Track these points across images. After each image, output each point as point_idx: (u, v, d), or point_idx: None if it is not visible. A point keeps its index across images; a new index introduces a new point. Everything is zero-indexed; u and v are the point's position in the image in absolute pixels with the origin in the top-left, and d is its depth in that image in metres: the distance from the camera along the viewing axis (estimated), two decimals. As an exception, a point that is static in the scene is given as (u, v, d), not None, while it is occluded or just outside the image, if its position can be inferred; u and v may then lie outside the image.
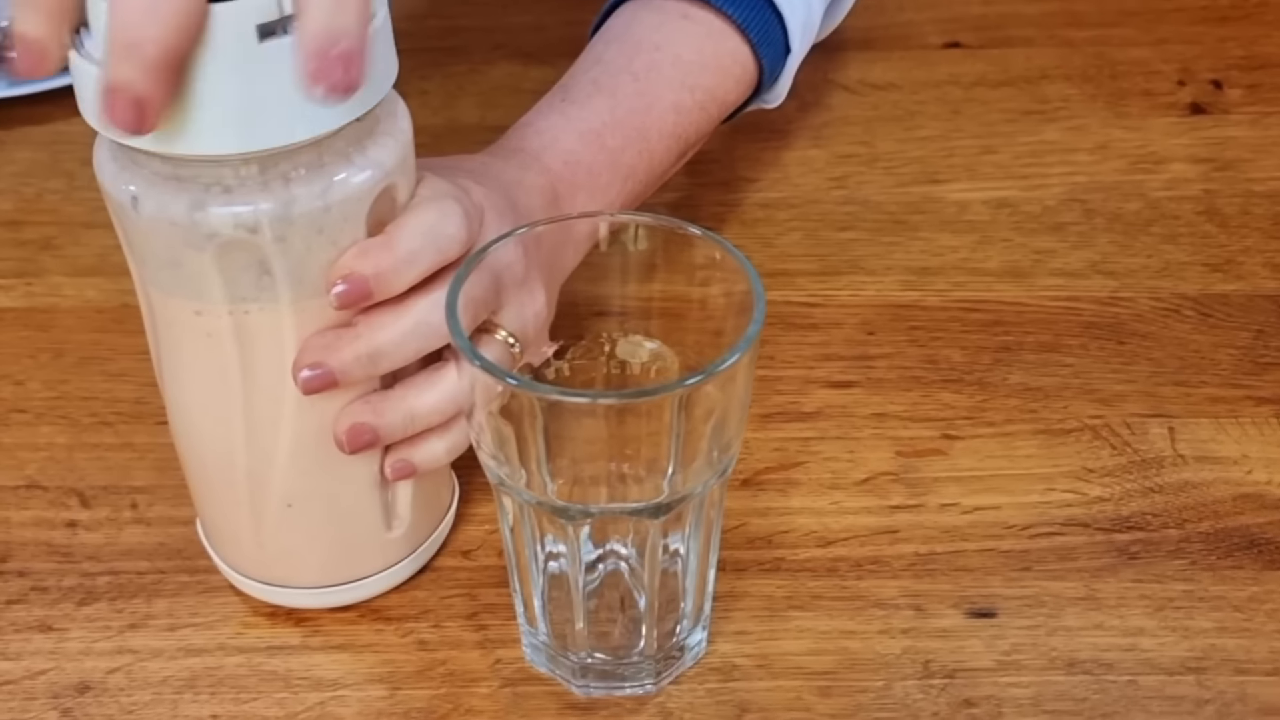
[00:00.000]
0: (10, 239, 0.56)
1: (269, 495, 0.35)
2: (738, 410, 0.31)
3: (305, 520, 0.36)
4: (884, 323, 0.49)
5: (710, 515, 0.33)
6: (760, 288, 0.30)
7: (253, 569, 0.37)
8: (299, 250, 0.31)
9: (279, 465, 0.34)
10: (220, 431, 0.34)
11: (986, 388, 0.46)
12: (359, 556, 0.37)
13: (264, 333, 0.32)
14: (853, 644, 0.37)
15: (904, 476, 0.42)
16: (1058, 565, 0.39)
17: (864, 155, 0.60)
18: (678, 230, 0.33)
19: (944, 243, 0.54)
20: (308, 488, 0.35)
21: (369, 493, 0.36)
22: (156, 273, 0.32)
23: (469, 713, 0.35)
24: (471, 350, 0.29)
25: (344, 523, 0.36)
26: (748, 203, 0.57)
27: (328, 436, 0.34)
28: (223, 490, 0.36)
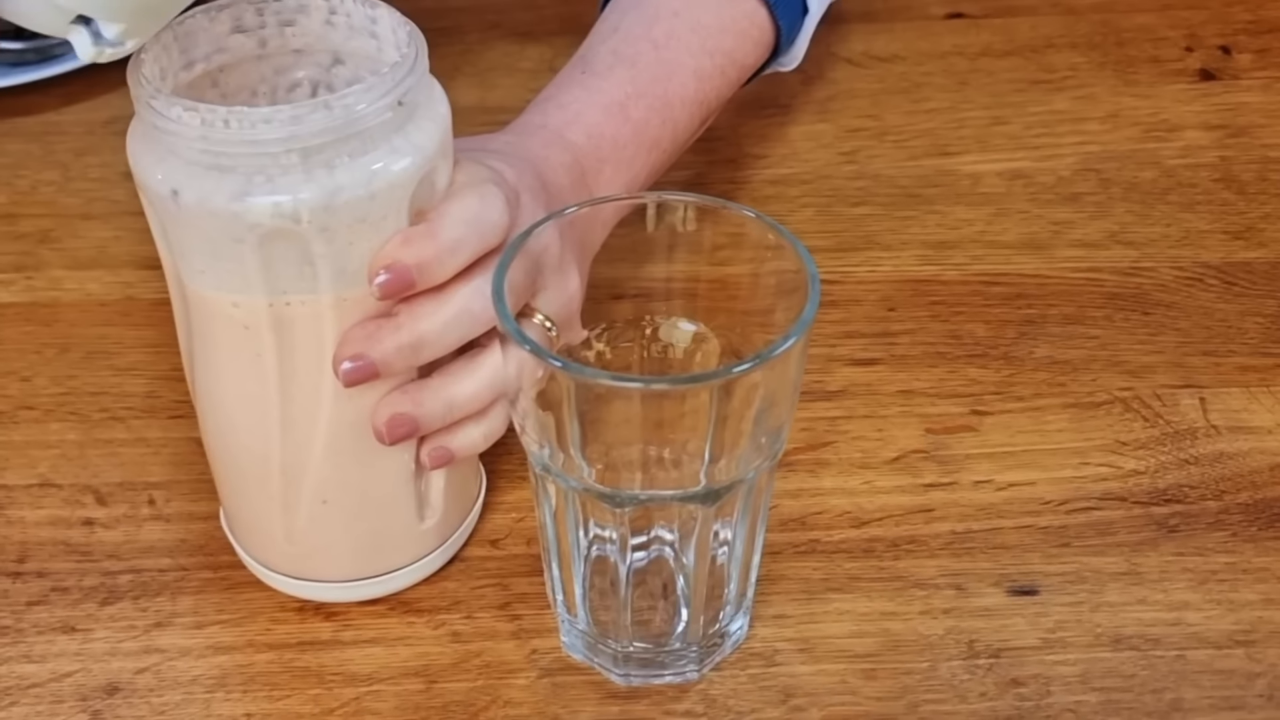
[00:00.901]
0: (7, 232, 0.54)
1: (303, 490, 0.34)
2: (789, 394, 0.30)
3: (339, 514, 0.35)
4: (904, 298, 0.49)
5: (758, 501, 0.32)
6: (814, 269, 0.30)
7: (283, 564, 0.37)
8: (342, 239, 0.30)
9: (314, 459, 0.34)
10: (255, 426, 0.33)
11: (1013, 362, 0.45)
12: (391, 549, 0.36)
13: (304, 325, 0.32)
14: (894, 625, 0.36)
15: (935, 454, 0.42)
16: (1097, 540, 0.39)
17: (872, 129, 0.59)
18: (723, 210, 0.32)
19: (960, 216, 0.53)
20: (343, 481, 0.34)
21: (403, 484, 0.35)
22: (194, 265, 0.31)
23: (508, 704, 0.35)
24: (521, 335, 0.29)
25: (377, 515, 0.35)
26: (758, 180, 0.56)
27: (364, 429, 0.33)
28: (255, 486, 0.35)
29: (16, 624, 0.37)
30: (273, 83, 0.34)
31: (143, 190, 0.31)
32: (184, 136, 0.29)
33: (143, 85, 0.30)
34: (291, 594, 0.37)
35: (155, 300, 0.50)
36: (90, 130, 0.59)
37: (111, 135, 0.59)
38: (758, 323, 0.32)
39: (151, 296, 0.51)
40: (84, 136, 0.59)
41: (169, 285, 0.34)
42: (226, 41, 0.33)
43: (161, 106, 0.29)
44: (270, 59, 0.33)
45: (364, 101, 0.29)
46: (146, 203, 0.32)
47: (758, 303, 0.32)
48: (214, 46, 0.33)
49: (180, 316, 0.34)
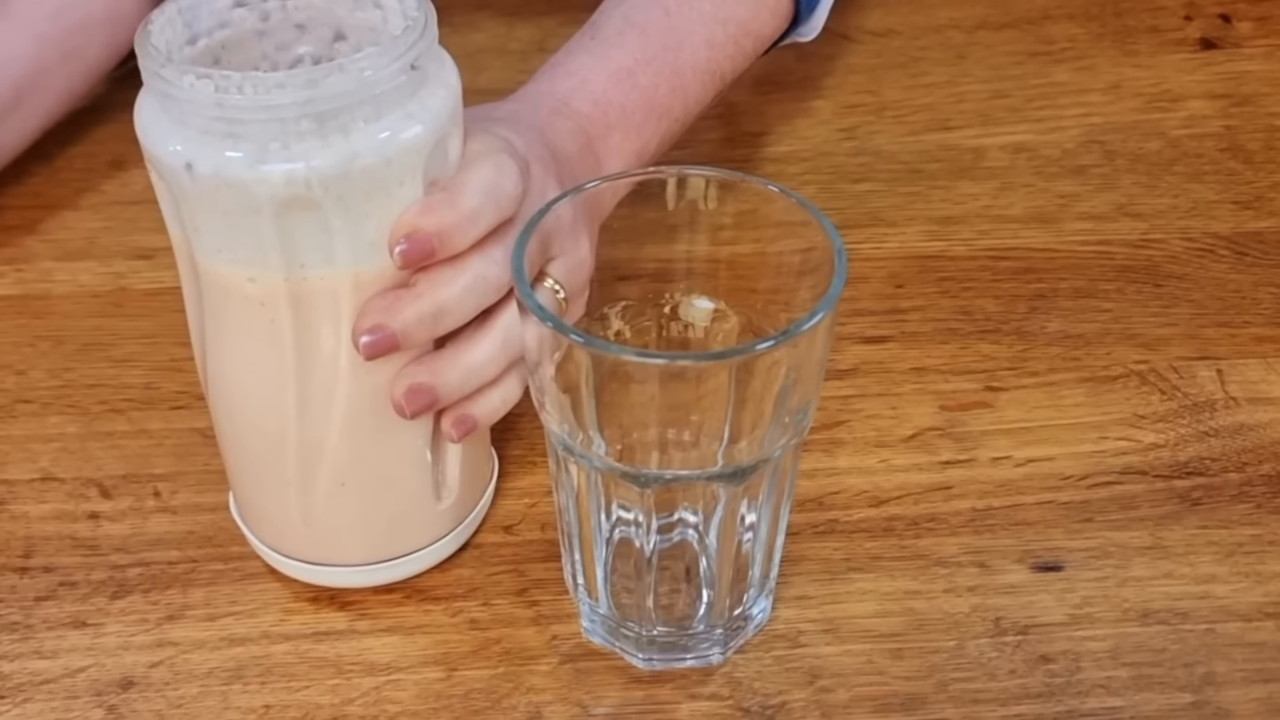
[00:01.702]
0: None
1: (320, 472, 0.34)
2: (815, 372, 0.29)
3: (357, 496, 0.34)
4: (912, 275, 0.48)
5: (784, 481, 0.32)
6: (840, 243, 0.29)
7: (300, 549, 0.36)
8: (358, 208, 0.30)
9: (332, 439, 0.33)
10: (271, 407, 0.33)
11: (1025, 337, 0.45)
12: (409, 530, 0.36)
13: (321, 299, 0.31)
14: (919, 604, 0.36)
15: (951, 431, 0.42)
16: (1120, 515, 0.38)
17: (871, 104, 0.58)
18: (745, 184, 0.31)
19: (964, 191, 0.53)
20: (360, 462, 0.34)
21: (420, 464, 0.35)
22: (209, 242, 0.31)
23: (531, 691, 0.34)
24: (542, 310, 0.28)
25: (395, 496, 0.35)
26: (757, 158, 0.56)
27: (382, 406, 0.33)
28: (270, 469, 0.34)
29: (26, 620, 0.37)
30: (274, 59, 0.33)
31: (155, 166, 0.30)
32: (197, 104, 0.28)
33: (152, 55, 0.29)
34: (308, 580, 0.36)
35: (149, 290, 0.49)
36: (74, 120, 0.58)
37: (95, 125, 0.57)
38: (780, 300, 0.32)
39: (145, 286, 0.50)
40: (68, 127, 0.57)
41: (180, 266, 0.33)
42: (229, 15, 0.32)
43: (173, 75, 0.29)
44: (272, 34, 0.33)
45: (378, 65, 0.29)
46: (158, 179, 0.31)
47: (780, 279, 0.32)
48: (216, 21, 0.32)
49: (191, 298, 0.33)
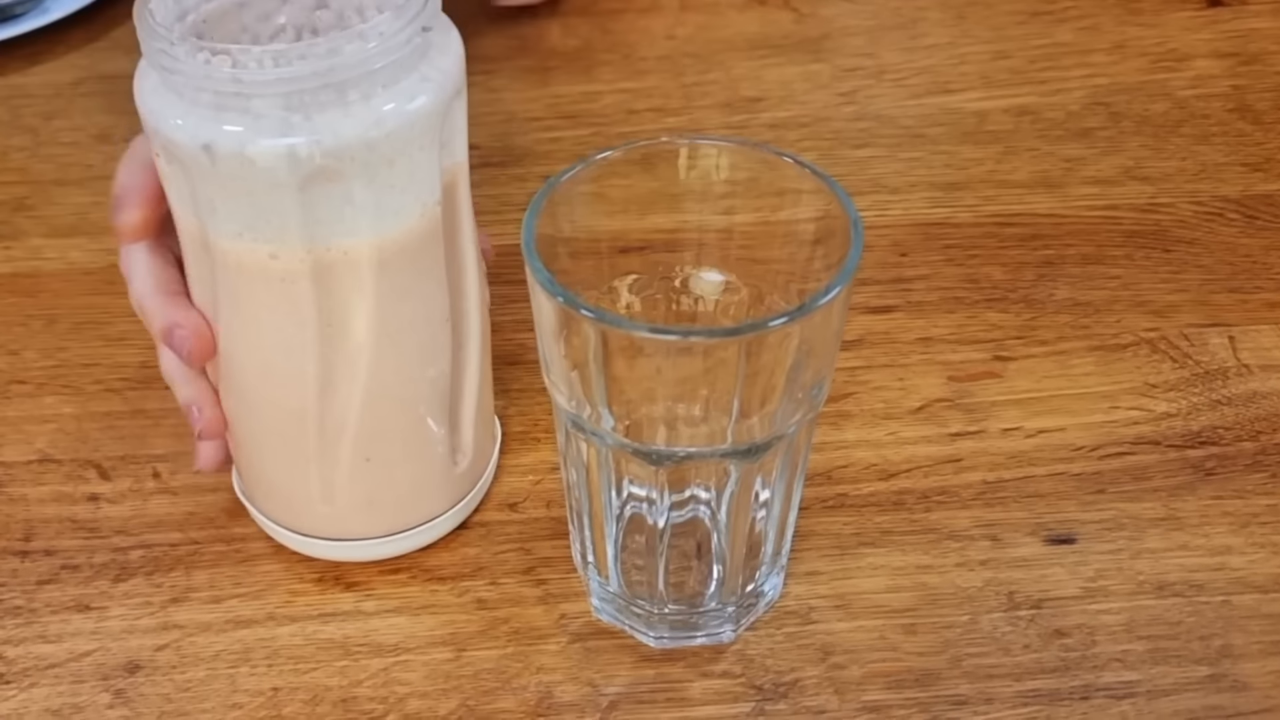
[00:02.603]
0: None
1: (343, 447, 0.33)
2: (830, 346, 0.29)
3: (381, 468, 0.34)
4: (916, 242, 0.48)
5: (797, 457, 0.31)
6: (856, 214, 0.28)
7: (317, 527, 0.35)
8: (382, 176, 0.29)
9: (354, 413, 0.33)
10: (292, 385, 0.32)
11: (1033, 305, 0.44)
12: (430, 497, 0.36)
13: (343, 270, 0.30)
14: (931, 579, 0.36)
15: (959, 402, 0.41)
16: (1133, 486, 0.38)
17: (870, 68, 0.57)
18: (756, 153, 0.30)
19: (967, 155, 0.52)
20: (383, 433, 0.33)
21: (439, 428, 0.34)
22: (227, 223, 0.30)
23: (541, 670, 0.34)
24: (551, 284, 0.27)
25: (417, 464, 0.35)
26: (756, 124, 0.55)
27: (405, 378, 0.32)
28: (288, 448, 0.34)
29: (29, 604, 0.36)
30: (254, 30, 0.32)
31: (167, 150, 0.29)
32: (213, 81, 0.27)
33: (159, 34, 0.28)
34: (326, 557, 0.36)
35: (144, 265, 0.48)
36: (58, 93, 0.57)
37: (80, 97, 0.56)
38: (791, 271, 0.31)
39: (140, 261, 0.49)
40: (52, 100, 0.56)
41: (186, 248, 0.32)
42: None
43: (184, 53, 0.28)
44: (252, 5, 0.32)
45: (395, 28, 0.28)
46: (169, 163, 0.30)
47: (791, 250, 0.31)
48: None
49: (201, 280, 0.32)
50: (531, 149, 0.55)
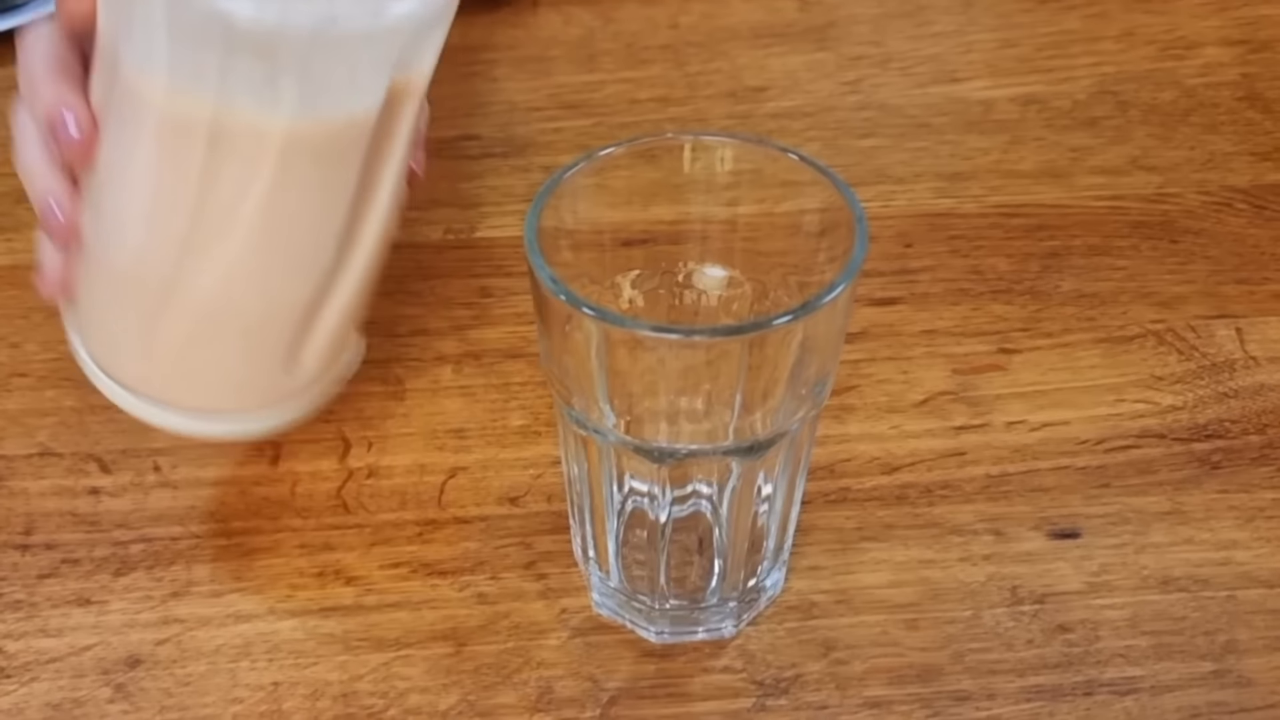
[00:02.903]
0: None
1: (179, 311, 0.32)
2: (834, 342, 0.29)
3: (208, 347, 0.33)
4: (921, 233, 0.47)
5: (800, 453, 0.31)
6: (861, 210, 0.28)
7: (140, 383, 0.34)
8: (319, 75, 0.28)
9: (204, 285, 0.31)
10: (154, 236, 0.31)
11: (1039, 297, 0.44)
12: (247, 391, 0.34)
13: (245, 145, 0.29)
14: (933, 573, 0.35)
15: (964, 395, 0.41)
16: (1138, 480, 0.38)
17: (875, 56, 0.57)
18: (760, 149, 0.30)
19: (973, 145, 0.51)
20: (223, 315, 0.32)
21: (282, 335, 0.33)
22: (144, 50, 0.28)
23: (541, 665, 0.34)
24: (554, 281, 0.27)
25: (245, 357, 0.33)
26: (759, 114, 0.54)
27: (269, 274, 0.31)
28: (128, 294, 0.32)
29: (30, 598, 0.36)
30: None
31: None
32: None
33: None
34: (136, 416, 0.35)
35: (145, 257, 0.48)
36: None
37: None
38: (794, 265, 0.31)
39: (141, 253, 0.49)
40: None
41: (94, 81, 0.31)
42: None
43: None
44: None
45: None
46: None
47: (794, 244, 0.31)
48: None
49: (99, 96, 0.31)
50: (534, 139, 0.54)
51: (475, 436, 0.41)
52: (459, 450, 0.40)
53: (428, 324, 0.45)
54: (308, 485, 0.39)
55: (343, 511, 0.38)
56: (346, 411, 0.42)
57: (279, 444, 0.41)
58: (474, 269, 0.48)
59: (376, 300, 0.46)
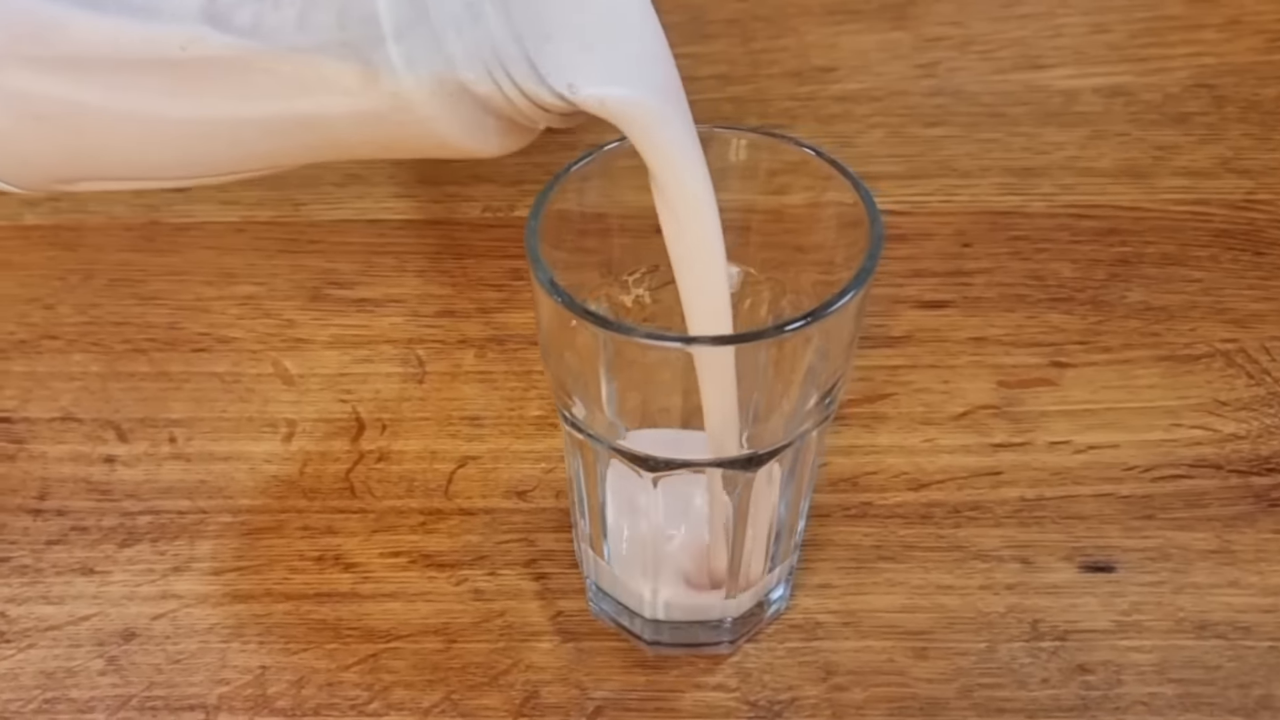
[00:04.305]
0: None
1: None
2: (843, 351, 0.28)
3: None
4: (981, 232, 0.46)
5: (805, 466, 0.30)
6: (876, 212, 0.27)
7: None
8: None
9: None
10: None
11: (1101, 307, 0.43)
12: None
13: None
14: (951, 600, 0.35)
15: (1007, 410, 0.40)
16: (1185, 513, 0.36)
17: (956, 38, 0.55)
18: (780, 145, 0.30)
19: (1049, 139, 0.50)
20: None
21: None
22: None
23: (530, 669, 0.34)
24: (551, 284, 0.27)
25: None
26: (823, 96, 0.53)
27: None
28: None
29: (36, 563, 0.38)
30: None
31: None
32: None
33: None
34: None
35: (179, 225, 0.50)
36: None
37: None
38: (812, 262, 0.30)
39: (176, 220, 0.50)
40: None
41: None
42: None
43: None
44: None
45: None
46: None
47: (812, 242, 0.30)
48: None
49: None
50: (585, 116, 0.54)
51: (490, 425, 0.41)
52: (472, 438, 0.41)
53: (455, 305, 0.46)
54: (317, 466, 0.40)
55: (349, 495, 0.39)
56: (364, 391, 0.43)
57: (294, 420, 0.42)
58: (508, 249, 0.48)
59: (405, 278, 0.47)
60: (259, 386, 0.43)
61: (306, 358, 0.44)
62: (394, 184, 0.52)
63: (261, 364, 0.44)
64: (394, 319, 0.45)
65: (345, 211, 0.51)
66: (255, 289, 0.47)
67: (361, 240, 0.49)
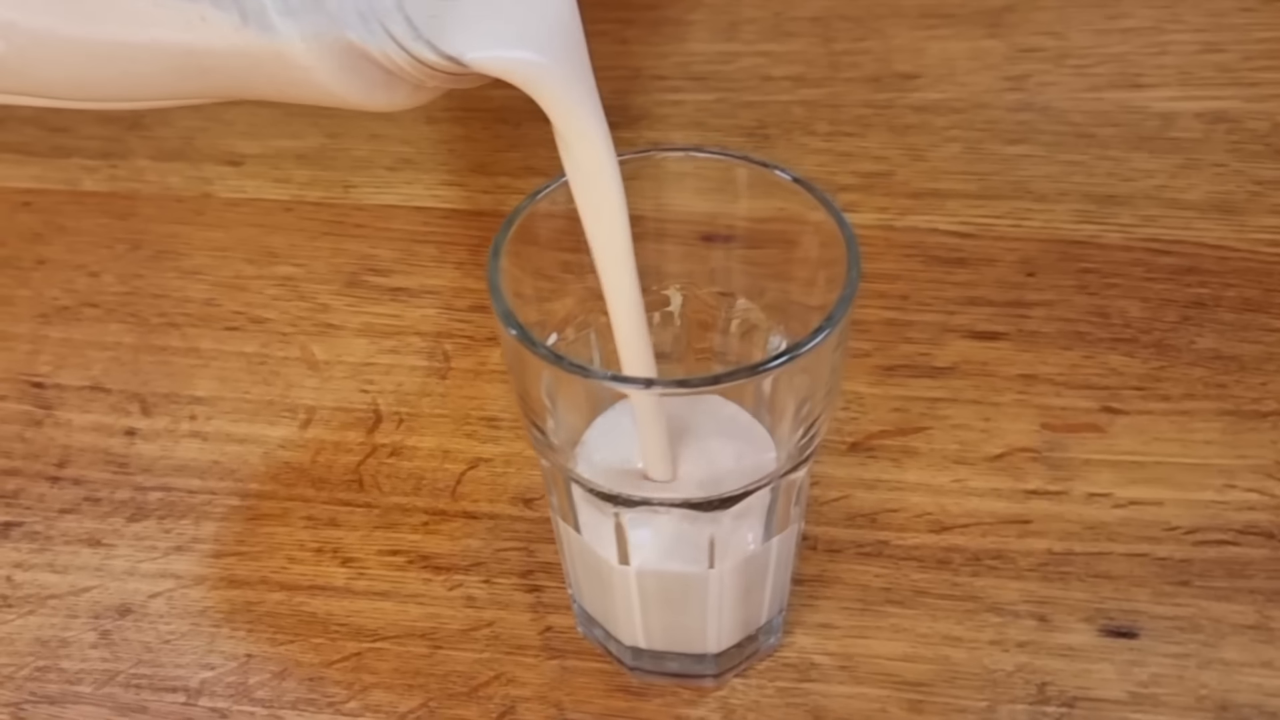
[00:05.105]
0: (98, 116, 0.57)
1: None
2: (823, 390, 0.28)
3: None
4: (1048, 262, 0.45)
5: (785, 510, 0.30)
6: (855, 252, 0.27)
7: None
8: None
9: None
10: None
11: (1166, 352, 0.41)
12: None
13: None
14: (956, 653, 0.34)
15: (1047, 455, 0.39)
16: (1225, 583, 0.35)
17: (1051, 50, 0.54)
18: (762, 172, 0.30)
19: (1137, 165, 0.48)
20: None
21: None
22: None
23: (510, 683, 0.34)
24: (508, 315, 0.27)
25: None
26: (900, 104, 0.53)
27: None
28: None
29: (47, 530, 0.40)
30: None
31: None
32: None
33: None
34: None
35: (229, 200, 0.52)
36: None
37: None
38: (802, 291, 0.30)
39: (227, 195, 0.52)
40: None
41: None
42: None
43: None
44: None
45: None
46: None
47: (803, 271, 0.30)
48: None
49: None
50: (649, 111, 0.55)
51: (506, 427, 0.42)
52: (487, 440, 0.41)
53: (488, 300, 0.46)
54: (329, 455, 0.41)
55: (357, 488, 0.40)
56: (387, 382, 0.44)
57: (313, 407, 0.43)
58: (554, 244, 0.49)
59: (443, 269, 0.48)
60: (284, 370, 0.44)
61: (335, 344, 0.45)
62: (445, 170, 0.53)
63: (290, 347, 0.45)
64: (426, 310, 0.47)
65: (393, 196, 0.52)
66: (294, 270, 0.49)
67: (405, 227, 0.50)
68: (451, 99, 0.57)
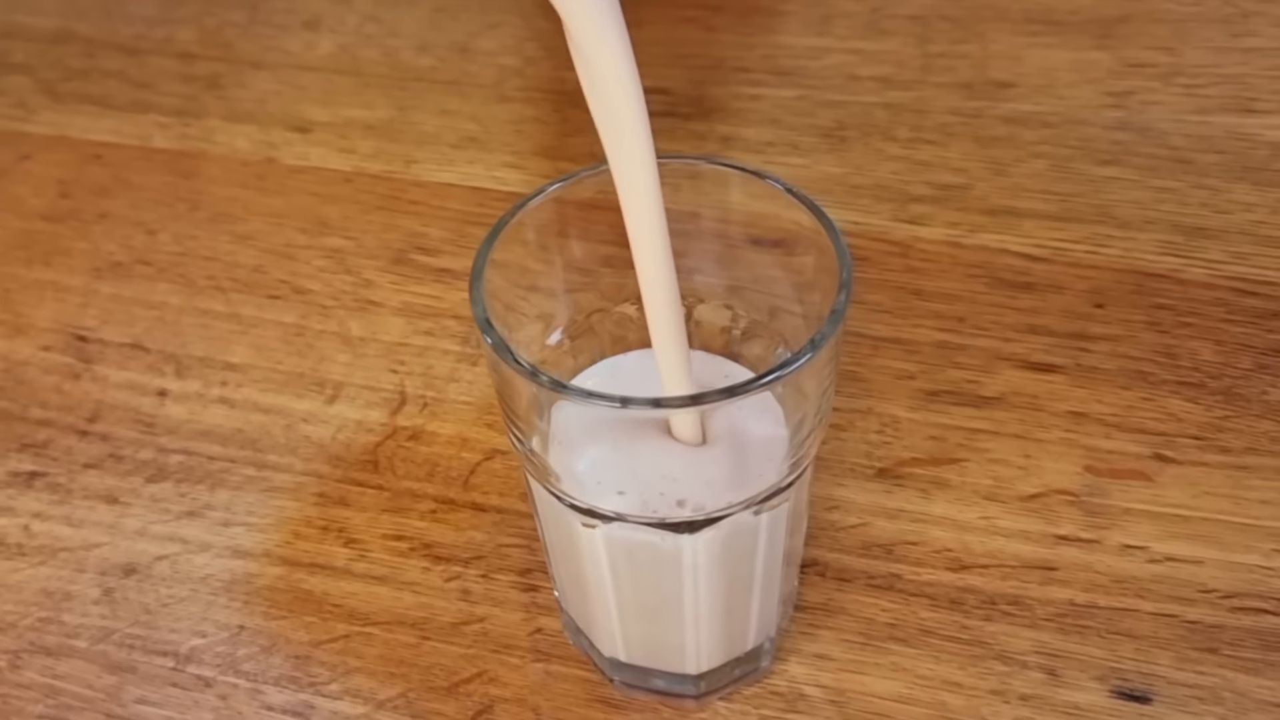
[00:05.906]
0: (180, 73, 0.59)
1: None
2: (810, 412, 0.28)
3: None
4: (1121, 294, 0.44)
5: (771, 533, 0.30)
6: (849, 272, 0.27)
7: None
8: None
9: None
10: None
11: (1234, 400, 0.40)
12: None
13: None
14: (954, 699, 0.33)
15: (1086, 500, 0.38)
16: (1256, 654, 0.34)
17: (1161, 66, 0.53)
18: (755, 183, 0.29)
19: (1236, 196, 0.47)
20: None
21: None
22: None
23: (492, 681, 0.35)
24: (489, 327, 0.28)
25: None
26: (990, 114, 0.52)
27: None
28: None
29: (69, 484, 0.42)
30: None
31: None
32: None
33: None
34: None
35: (293, 166, 0.54)
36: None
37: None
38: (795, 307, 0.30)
39: (291, 162, 0.54)
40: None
41: None
42: None
43: None
44: None
45: None
46: None
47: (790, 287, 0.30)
48: None
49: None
50: (724, 104, 0.55)
51: (528, 421, 0.42)
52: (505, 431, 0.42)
53: (529, 289, 0.47)
54: (350, 434, 0.43)
55: (371, 469, 0.41)
56: (417, 364, 0.45)
57: (341, 384, 0.44)
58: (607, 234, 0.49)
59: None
60: (318, 344, 0.46)
61: (372, 321, 0.46)
62: (509, 151, 0.54)
63: (328, 321, 0.47)
64: (466, 294, 0.47)
65: (452, 174, 0.53)
66: (344, 243, 0.50)
67: (460, 207, 0.51)
68: (525, 78, 0.58)
